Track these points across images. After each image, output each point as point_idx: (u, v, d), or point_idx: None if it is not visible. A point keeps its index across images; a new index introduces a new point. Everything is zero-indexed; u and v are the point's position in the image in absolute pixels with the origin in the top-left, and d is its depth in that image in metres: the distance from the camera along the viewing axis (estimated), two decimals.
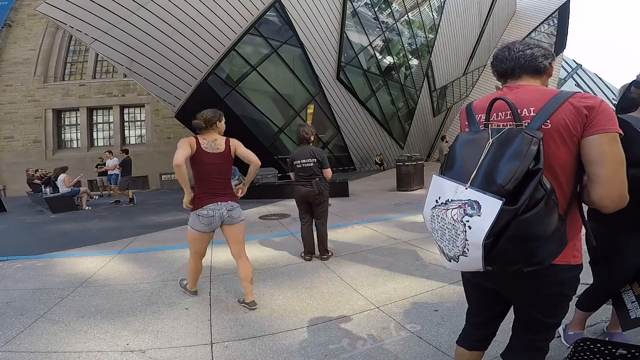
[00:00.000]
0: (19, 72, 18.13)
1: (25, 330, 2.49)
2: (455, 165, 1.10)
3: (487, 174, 0.98)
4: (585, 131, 1.02)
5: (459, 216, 0.98)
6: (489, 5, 25.88)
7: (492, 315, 1.36)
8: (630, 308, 1.72)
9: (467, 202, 0.97)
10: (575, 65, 36.93)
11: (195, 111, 2.94)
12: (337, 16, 14.91)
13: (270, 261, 3.93)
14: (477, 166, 1.01)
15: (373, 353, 2.07)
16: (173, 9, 10.33)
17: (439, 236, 1.08)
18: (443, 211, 1.04)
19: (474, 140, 1.08)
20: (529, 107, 1.08)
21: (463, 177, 1.03)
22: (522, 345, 1.27)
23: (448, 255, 1.05)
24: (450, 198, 1.03)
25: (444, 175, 1.10)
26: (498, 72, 1.27)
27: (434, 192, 1.12)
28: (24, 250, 4.95)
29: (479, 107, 1.24)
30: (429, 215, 1.13)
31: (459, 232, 0.98)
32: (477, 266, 0.97)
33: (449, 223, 1.01)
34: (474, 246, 0.94)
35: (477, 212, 0.93)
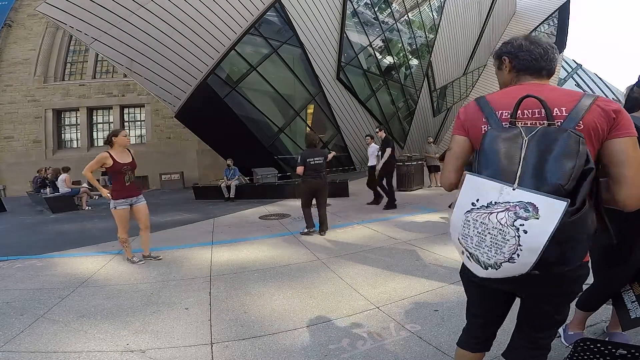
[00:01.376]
0: (19, 72, 18.12)
1: (25, 330, 2.49)
2: (492, 163, 1.00)
3: (537, 174, 0.92)
4: (610, 133, 1.03)
5: (509, 220, 0.90)
6: (489, 5, 25.86)
7: (496, 316, 1.34)
8: (631, 308, 1.72)
9: (517, 204, 0.90)
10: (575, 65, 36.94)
11: (196, 111, 2.95)
12: (337, 16, 14.91)
13: (270, 261, 3.93)
14: (520, 165, 0.94)
15: (373, 353, 2.07)
16: (173, 9, 10.33)
17: (475, 243, 0.98)
18: (484, 215, 0.95)
19: (507, 138, 1.01)
20: (559, 106, 1.06)
21: (505, 176, 0.95)
22: (527, 344, 1.26)
23: (485, 262, 0.97)
24: (493, 200, 0.94)
25: (481, 175, 1.00)
26: (521, 66, 1.20)
27: (469, 193, 1.00)
28: (24, 250, 4.95)
29: (499, 103, 1.15)
30: (461, 220, 1.01)
31: (507, 237, 0.90)
32: (522, 271, 0.92)
33: (493, 228, 0.93)
34: (529, 251, 0.88)
35: (534, 214, 0.88)
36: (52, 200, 9.23)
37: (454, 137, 1.27)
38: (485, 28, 26.10)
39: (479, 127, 1.16)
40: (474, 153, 1.08)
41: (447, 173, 1.27)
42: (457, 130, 1.26)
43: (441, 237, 4.54)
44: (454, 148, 1.25)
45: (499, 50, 1.29)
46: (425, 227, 5.16)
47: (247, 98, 13.13)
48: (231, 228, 5.91)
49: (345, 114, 16.54)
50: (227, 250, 4.46)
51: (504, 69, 1.27)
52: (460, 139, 1.24)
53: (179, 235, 5.57)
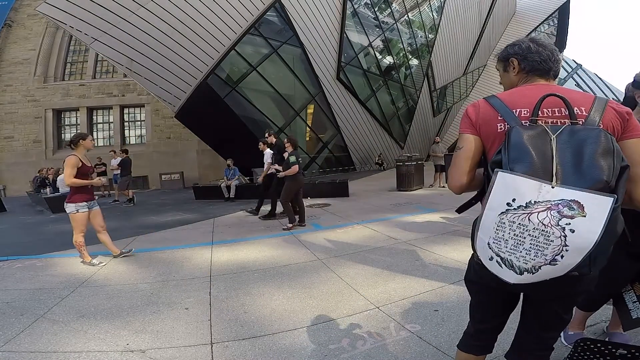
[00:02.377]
0: (19, 72, 18.11)
1: (25, 330, 2.49)
2: (525, 159, 0.93)
3: (577, 171, 0.89)
4: (623, 134, 1.05)
5: (553, 220, 0.86)
6: (489, 5, 25.88)
7: (503, 319, 1.33)
8: (632, 308, 1.72)
9: (560, 202, 0.87)
10: (575, 65, 36.93)
11: (195, 111, 2.97)
12: (337, 16, 14.92)
13: (270, 261, 3.93)
14: (554, 162, 0.91)
15: (373, 353, 2.07)
16: (173, 9, 10.34)
17: (510, 247, 0.92)
18: (523, 216, 0.90)
19: (533, 135, 0.97)
20: (579, 106, 1.06)
21: (540, 174, 0.91)
22: (535, 345, 1.25)
23: (521, 267, 0.92)
24: (533, 199, 0.89)
25: (516, 172, 0.92)
26: (530, 67, 1.20)
27: (503, 192, 0.93)
28: (24, 250, 4.95)
29: (516, 101, 1.12)
30: (494, 223, 0.94)
31: (552, 238, 0.87)
32: (559, 274, 0.90)
33: (534, 229, 0.88)
34: (576, 251, 0.86)
35: (579, 212, 0.84)
36: (52, 200, 9.23)
37: (463, 136, 1.20)
38: (485, 28, 26.13)
39: (494, 125, 1.12)
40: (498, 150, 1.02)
41: (457, 174, 1.18)
42: (467, 129, 1.19)
43: (441, 237, 4.54)
44: (465, 148, 1.18)
45: (505, 53, 1.27)
46: (425, 227, 5.15)
47: (247, 98, 13.13)
48: (231, 228, 5.91)
49: (345, 114, 16.54)
50: (227, 250, 4.46)
51: (510, 70, 1.26)
52: (472, 138, 1.17)
53: (179, 235, 5.57)
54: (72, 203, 3.90)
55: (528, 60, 1.20)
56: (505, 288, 1.17)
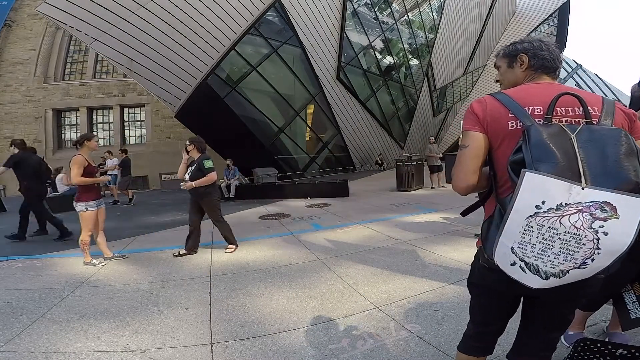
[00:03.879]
0: (19, 72, 18.11)
1: (25, 330, 2.49)
2: (550, 160, 0.88)
3: (604, 172, 0.86)
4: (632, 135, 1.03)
5: (586, 222, 0.83)
6: (489, 5, 25.89)
7: (505, 321, 1.31)
8: (631, 308, 1.72)
9: (591, 204, 0.83)
10: (575, 65, 36.91)
11: (196, 111, 2.98)
12: (337, 16, 14.92)
13: (270, 261, 3.93)
14: (580, 162, 0.87)
15: (373, 353, 2.07)
16: (173, 9, 10.33)
17: (537, 251, 0.89)
18: (554, 219, 0.85)
19: (553, 134, 0.93)
20: (592, 106, 1.04)
21: (567, 174, 0.86)
22: (539, 346, 1.25)
23: (548, 272, 0.89)
24: (564, 201, 0.85)
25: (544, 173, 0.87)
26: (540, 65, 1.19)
27: (531, 194, 0.87)
28: (24, 250, 4.95)
29: (528, 99, 1.08)
30: (522, 227, 0.89)
31: (584, 241, 0.84)
32: (586, 276, 0.89)
33: (566, 232, 0.85)
34: (608, 254, 0.84)
35: (612, 214, 0.82)
36: (51, 200, 9.22)
37: (468, 133, 1.13)
38: (485, 28, 26.13)
39: (504, 122, 1.07)
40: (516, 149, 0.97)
41: (464, 175, 1.12)
42: (472, 127, 1.12)
43: (441, 237, 4.54)
44: (472, 146, 1.11)
45: (513, 49, 1.25)
46: (425, 227, 5.15)
47: (247, 98, 13.13)
48: (231, 228, 5.90)
49: (345, 114, 16.54)
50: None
51: (517, 67, 1.23)
52: (478, 136, 1.11)
53: (179, 235, 5.55)
54: (82, 202, 4.01)
55: (538, 57, 1.19)
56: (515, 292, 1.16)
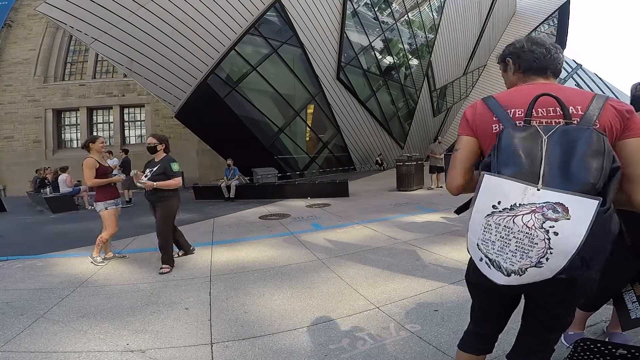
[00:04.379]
0: (19, 72, 18.10)
1: (25, 330, 2.49)
2: (513, 162, 0.94)
3: (563, 173, 0.88)
4: (623, 133, 1.02)
5: (537, 222, 0.86)
6: (489, 5, 25.88)
7: (503, 320, 1.32)
8: (631, 308, 1.72)
9: (544, 205, 0.86)
10: (575, 65, 36.89)
11: (196, 111, 2.98)
12: (337, 16, 14.92)
13: (270, 261, 3.93)
14: (542, 164, 0.90)
15: (373, 353, 2.07)
16: (173, 9, 10.33)
17: (497, 248, 0.93)
18: (508, 218, 0.90)
19: (524, 137, 0.96)
20: (574, 105, 1.04)
21: (526, 176, 0.90)
22: (537, 346, 1.25)
23: (509, 269, 0.92)
24: (517, 202, 0.89)
25: (501, 175, 0.93)
26: (525, 67, 1.19)
27: (488, 195, 0.94)
28: (24, 250, 4.95)
29: (511, 102, 1.12)
30: (481, 225, 0.95)
31: (536, 240, 0.87)
32: (548, 276, 0.89)
33: (519, 232, 0.89)
34: (561, 254, 0.85)
35: (564, 215, 0.84)
36: (52, 200, 9.23)
37: (460, 137, 1.21)
38: (485, 28, 26.12)
39: (490, 126, 1.12)
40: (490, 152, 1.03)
41: (454, 175, 1.19)
42: (463, 131, 1.20)
43: (441, 237, 4.54)
44: (462, 149, 1.19)
45: (503, 53, 1.28)
46: (425, 227, 5.15)
47: (247, 98, 13.13)
48: (231, 228, 5.91)
49: (345, 114, 16.54)
50: (227, 250, 4.46)
51: (509, 70, 1.26)
52: (468, 140, 1.19)
53: None
54: (100, 202, 4.12)
55: (522, 59, 1.20)
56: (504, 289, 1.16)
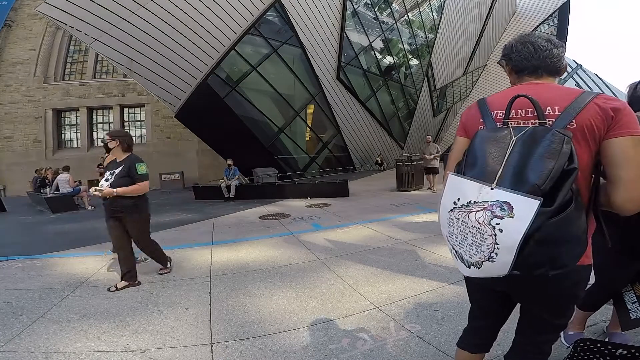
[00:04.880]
0: (19, 72, 18.10)
1: (25, 330, 2.49)
2: (477, 163, 1.00)
3: (516, 173, 0.92)
4: (609, 132, 1.00)
5: (486, 219, 0.91)
6: (489, 5, 25.88)
7: (498, 318, 1.33)
8: (631, 308, 1.72)
9: (494, 203, 0.91)
10: (575, 65, 36.89)
11: (195, 111, 2.98)
12: (337, 16, 14.91)
13: (270, 261, 3.93)
14: (502, 165, 0.95)
15: (373, 353, 2.07)
16: (173, 9, 10.33)
17: (458, 241, 1.00)
18: (464, 214, 0.97)
19: (496, 138, 1.01)
20: (552, 105, 1.04)
21: (486, 176, 0.96)
22: (529, 347, 1.25)
23: (468, 261, 0.98)
24: (473, 199, 0.96)
25: (464, 175, 1.01)
26: (516, 68, 1.20)
27: (451, 192, 1.03)
28: (24, 250, 4.95)
29: (495, 103, 1.16)
30: (446, 219, 1.04)
31: (485, 236, 0.92)
32: (503, 271, 0.92)
33: (472, 227, 0.94)
34: (506, 250, 0.89)
35: (509, 213, 0.88)
36: (52, 200, 9.23)
37: (456, 138, 1.28)
38: (485, 28, 26.12)
39: (476, 127, 1.17)
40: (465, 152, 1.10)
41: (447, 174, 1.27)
42: (459, 132, 1.27)
43: (441, 237, 4.48)
44: (456, 149, 1.25)
45: (501, 55, 1.30)
46: (425, 227, 5.15)
47: (247, 98, 13.13)
48: (231, 228, 5.91)
49: (345, 114, 16.54)
50: (227, 250, 4.46)
51: (507, 72, 1.28)
52: (462, 140, 1.25)
53: (179, 236, 5.57)
54: None
55: (512, 60, 1.20)
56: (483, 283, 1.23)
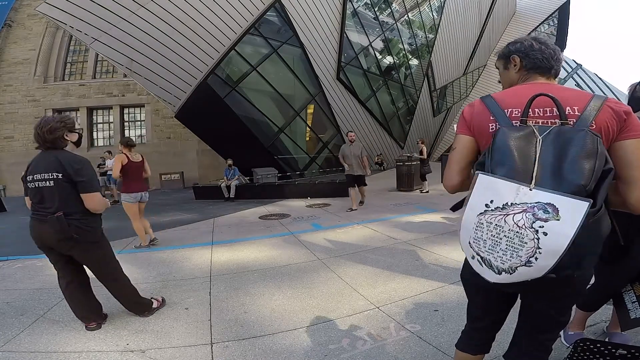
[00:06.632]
0: (19, 72, 18.09)
1: (25, 330, 2.49)
2: (507, 162, 0.95)
3: (555, 174, 0.89)
4: (620, 134, 1.02)
5: (527, 222, 0.87)
6: (489, 5, 25.87)
7: (498, 318, 1.33)
8: (631, 308, 1.72)
9: (535, 205, 0.87)
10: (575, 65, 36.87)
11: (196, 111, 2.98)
12: (337, 16, 14.90)
13: (270, 261, 3.93)
14: (535, 165, 0.91)
15: (373, 353, 2.07)
16: (173, 9, 10.33)
17: (488, 247, 0.94)
18: (500, 217, 0.91)
19: (520, 137, 0.97)
20: (572, 105, 1.03)
21: (519, 176, 0.92)
22: (531, 346, 1.25)
23: (499, 267, 0.93)
24: (509, 201, 0.90)
25: (495, 175, 0.95)
26: (532, 65, 1.19)
27: (482, 194, 0.95)
28: (24, 250, 4.94)
29: (506, 101, 1.12)
30: (473, 223, 0.96)
31: (525, 240, 0.87)
32: (537, 275, 0.89)
33: (509, 231, 0.89)
34: (549, 254, 0.85)
35: (554, 215, 0.84)
36: None
37: (458, 136, 1.22)
38: (485, 28, 26.11)
39: (487, 126, 1.13)
40: (484, 152, 1.04)
41: (450, 174, 1.21)
42: (461, 130, 1.21)
43: (441, 237, 4.54)
44: (458, 148, 1.20)
45: (506, 50, 1.26)
46: (425, 227, 5.15)
47: (247, 98, 13.13)
48: (231, 228, 5.91)
49: (345, 114, 16.53)
50: (227, 250, 4.46)
51: (511, 68, 1.25)
52: (465, 139, 1.19)
53: (179, 235, 5.57)
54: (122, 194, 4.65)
55: (530, 57, 1.19)
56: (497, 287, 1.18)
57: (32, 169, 2.32)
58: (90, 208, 2.33)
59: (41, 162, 2.30)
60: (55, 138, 2.31)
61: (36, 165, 2.32)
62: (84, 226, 2.32)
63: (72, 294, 2.46)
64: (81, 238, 2.31)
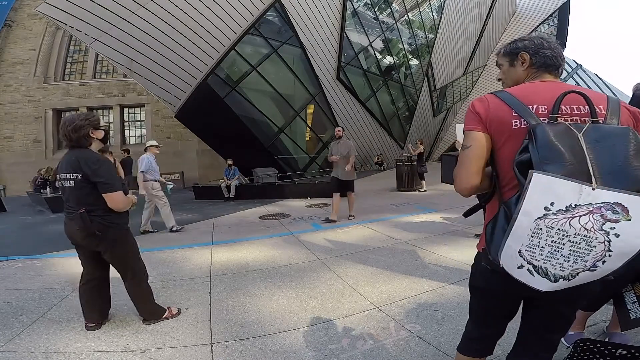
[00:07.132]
0: (19, 72, 18.10)
1: (25, 330, 2.49)
2: (558, 160, 0.86)
3: (614, 171, 0.83)
4: None
5: (597, 224, 0.81)
6: (489, 5, 25.87)
7: (506, 323, 1.30)
8: (631, 308, 1.72)
9: (602, 205, 0.81)
10: (575, 65, 36.88)
11: (196, 111, 2.98)
12: (337, 16, 14.90)
13: (270, 261, 3.93)
14: (589, 162, 0.84)
15: (373, 353, 2.07)
16: (173, 9, 10.33)
17: (546, 254, 0.87)
18: (564, 220, 0.83)
19: (563, 133, 0.90)
20: (597, 104, 1.01)
21: (577, 175, 0.84)
22: (539, 346, 1.24)
23: (557, 275, 0.87)
24: (573, 203, 0.82)
25: (554, 174, 0.84)
26: (542, 63, 1.16)
27: (539, 196, 0.85)
28: (24, 250, 4.95)
29: (530, 97, 1.05)
30: (529, 229, 0.87)
31: (594, 243, 0.82)
32: (595, 278, 0.86)
33: (575, 235, 0.83)
34: (619, 256, 0.82)
35: (624, 215, 0.80)
36: (52, 200, 9.22)
37: (470, 134, 1.10)
38: (485, 28, 26.11)
39: (508, 122, 1.04)
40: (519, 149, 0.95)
41: (467, 176, 1.10)
42: (474, 126, 1.10)
43: (441, 237, 4.54)
44: (474, 146, 1.09)
45: (514, 47, 1.23)
46: (425, 227, 5.15)
47: (247, 98, 13.13)
48: (231, 228, 5.91)
49: (345, 114, 16.53)
50: (227, 250, 4.46)
51: (518, 65, 1.22)
52: (481, 136, 1.09)
53: (179, 235, 5.57)
54: None
55: (540, 55, 1.16)
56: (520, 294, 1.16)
57: (59, 168, 2.40)
58: (113, 207, 2.33)
59: (65, 161, 2.36)
60: (79, 136, 2.33)
61: (61, 164, 2.38)
62: (107, 222, 2.33)
63: (86, 291, 2.52)
64: (104, 234, 2.32)
